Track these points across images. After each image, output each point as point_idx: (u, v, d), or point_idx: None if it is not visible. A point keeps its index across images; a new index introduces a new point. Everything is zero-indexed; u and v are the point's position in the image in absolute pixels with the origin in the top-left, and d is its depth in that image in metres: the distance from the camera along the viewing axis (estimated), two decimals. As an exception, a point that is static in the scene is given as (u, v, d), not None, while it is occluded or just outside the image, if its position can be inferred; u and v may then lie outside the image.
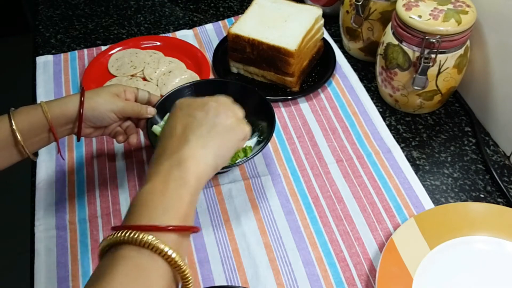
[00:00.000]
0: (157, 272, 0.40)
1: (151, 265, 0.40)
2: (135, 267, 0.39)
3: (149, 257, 0.40)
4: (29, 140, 0.60)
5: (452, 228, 0.65)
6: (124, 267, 0.39)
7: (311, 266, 0.64)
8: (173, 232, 0.41)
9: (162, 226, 0.41)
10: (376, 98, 0.87)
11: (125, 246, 0.40)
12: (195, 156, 0.47)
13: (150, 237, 0.39)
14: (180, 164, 0.46)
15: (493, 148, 0.79)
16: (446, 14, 0.72)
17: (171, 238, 0.41)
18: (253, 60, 0.86)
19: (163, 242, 0.40)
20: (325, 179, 0.74)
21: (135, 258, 0.39)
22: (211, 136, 0.50)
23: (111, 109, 0.63)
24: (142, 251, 0.39)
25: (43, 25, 1.05)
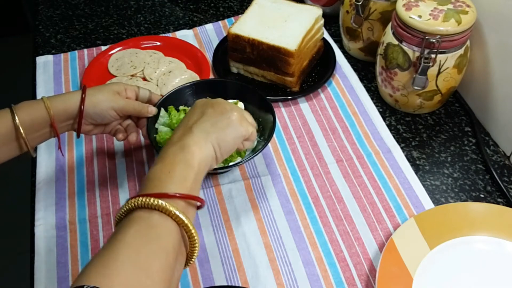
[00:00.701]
0: (167, 230, 0.44)
1: (162, 224, 0.44)
2: (147, 225, 0.43)
3: (160, 217, 0.44)
4: (30, 135, 0.61)
5: (452, 228, 0.65)
6: (136, 225, 0.43)
7: (311, 266, 0.64)
8: (180, 199, 0.46)
9: (171, 194, 0.46)
10: (376, 98, 0.87)
11: (138, 210, 0.44)
12: (196, 144, 0.52)
13: (161, 201, 0.44)
14: (184, 150, 0.51)
15: (493, 148, 0.79)
16: (446, 14, 0.72)
17: (179, 204, 0.46)
18: (253, 60, 0.86)
19: (173, 206, 0.44)
20: (325, 179, 0.74)
21: (147, 218, 0.44)
22: (213, 129, 0.55)
23: (111, 106, 0.64)
24: (153, 213, 0.44)
25: (43, 25, 1.05)
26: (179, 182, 0.48)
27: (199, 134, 0.53)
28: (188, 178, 0.49)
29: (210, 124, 0.55)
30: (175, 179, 0.48)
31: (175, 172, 0.48)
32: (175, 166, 0.49)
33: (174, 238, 0.44)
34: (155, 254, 0.42)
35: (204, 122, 0.55)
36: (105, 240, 0.67)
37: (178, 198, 0.46)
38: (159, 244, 0.43)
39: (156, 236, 0.43)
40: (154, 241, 0.43)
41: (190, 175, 0.49)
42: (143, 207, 0.44)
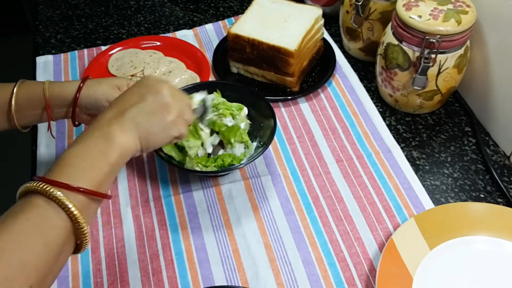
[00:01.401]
0: (57, 223, 0.43)
1: (54, 216, 0.43)
2: (39, 214, 0.43)
3: (54, 209, 0.43)
4: (24, 111, 0.63)
5: (452, 228, 0.65)
6: (29, 212, 0.43)
7: (311, 266, 0.64)
8: (82, 193, 0.45)
9: (73, 186, 0.44)
10: (376, 98, 0.87)
11: (37, 195, 0.44)
12: (122, 134, 0.50)
13: (59, 193, 0.43)
14: (107, 138, 0.49)
15: (493, 148, 0.79)
16: (446, 14, 0.72)
17: (79, 198, 0.45)
18: (253, 60, 0.86)
19: (69, 199, 0.43)
20: (325, 179, 0.74)
21: (41, 207, 0.43)
22: (145, 123, 0.53)
23: (106, 99, 0.64)
24: (49, 203, 0.43)
25: (43, 25, 1.05)
26: (89, 173, 0.46)
27: (129, 122, 0.51)
28: (101, 171, 0.47)
29: (144, 115, 0.53)
30: (86, 169, 0.46)
31: (89, 161, 0.47)
32: (92, 155, 0.48)
33: (62, 233, 0.44)
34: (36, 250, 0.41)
35: (139, 111, 0.52)
36: (105, 240, 0.67)
37: (81, 193, 0.45)
38: (44, 240, 0.42)
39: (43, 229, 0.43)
40: (39, 235, 0.42)
41: (104, 168, 0.48)
42: (43, 194, 0.43)
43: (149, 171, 0.75)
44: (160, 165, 0.76)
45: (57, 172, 0.45)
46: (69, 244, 0.45)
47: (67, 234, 0.44)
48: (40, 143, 0.80)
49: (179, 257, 0.66)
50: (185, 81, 0.88)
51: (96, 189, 0.46)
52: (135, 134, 0.51)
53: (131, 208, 0.71)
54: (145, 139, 0.53)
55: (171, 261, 0.65)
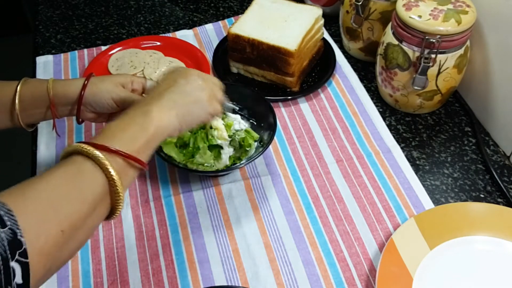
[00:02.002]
0: (93, 180, 0.45)
1: (91, 173, 0.45)
2: (76, 170, 0.45)
3: (92, 167, 0.45)
4: (28, 110, 0.63)
5: (452, 228, 0.65)
6: (67, 167, 0.45)
7: (311, 266, 0.64)
8: (120, 156, 0.47)
9: (112, 148, 0.46)
10: (376, 98, 0.87)
11: (78, 155, 0.46)
12: (160, 111, 0.53)
13: (98, 152, 0.45)
14: (145, 114, 0.52)
15: (493, 148, 0.79)
16: (446, 14, 0.72)
17: (118, 161, 0.47)
18: (253, 60, 0.86)
19: (108, 160, 0.45)
20: (325, 179, 0.74)
21: (80, 164, 0.45)
22: (181, 101, 0.56)
23: (111, 97, 0.64)
24: (88, 161, 0.45)
25: (43, 25, 1.05)
26: (128, 141, 0.48)
27: (166, 102, 0.54)
28: (138, 140, 0.49)
29: (179, 95, 0.56)
30: (125, 137, 0.49)
31: (127, 131, 0.49)
32: (130, 126, 0.50)
33: (98, 189, 0.45)
34: (71, 198, 0.43)
35: (174, 91, 0.56)
36: (105, 240, 0.67)
37: (118, 155, 0.47)
38: (79, 191, 0.44)
39: (79, 182, 0.44)
40: (75, 186, 0.44)
41: (141, 138, 0.50)
42: (82, 154, 0.45)
43: (149, 171, 0.75)
44: (160, 165, 0.76)
45: (99, 138, 0.48)
46: (103, 203, 0.46)
47: (102, 192, 0.45)
48: (40, 143, 0.80)
49: (179, 257, 0.66)
50: (185, 81, 0.88)
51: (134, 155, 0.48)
52: (173, 112, 0.54)
53: (131, 208, 0.71)
54: (183, 117, 0.55)
55: (171, 261, 0.65)
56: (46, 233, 0.40)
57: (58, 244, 0.41)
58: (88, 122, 0.81)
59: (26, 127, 0.65)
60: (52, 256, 0.41)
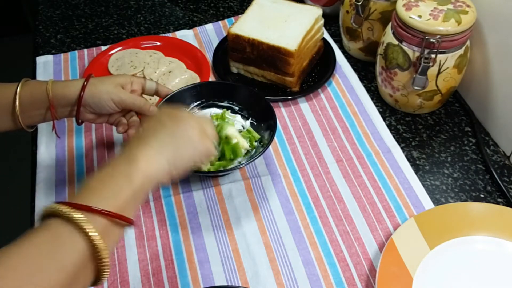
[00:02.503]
0: (74, 246, 0.41)
1: (70, 239, 0.41)
2: (55, 235, 0.41)
3: (71, 232, 0.41)
4: (28, 112, 0.63)
5: (452, 228, 0.65)
6: (43, 235, 0.41)
7: (311, 266, 0.64)
8: (103, 216, 0.43)
9: (93, 208, 0.42)
10: (376, 98, 0.87)
11: (55, 218, 0.42)
12: (148, 159, 0.48)
13: (78, 215, 0.41)
14: (131, 162, 0.47)
15: (493, 148, 0.79)
16: (446, 14, 0.72)
17: (101, 222, 0.43)
18: (253, 60, 0.87)
19: (89, 222, 0.41)
20: (325, 179, 0.74)
21: (58, 229, 0.41)
22: (170, 143, 0.51)
23: (111, 98, 0.64)
24: (67, 225, 0.41)
25: (43, 25, 1.05)
26: (111, 197, 0.44)
27: (154, 146, 0.50)
28: (122, 194, 0.45)
29: (167, 136, 0.52)
30: (107, 192, 0.44)
31: (110, 184, 0.45)
32: (114, 178, 0.46)
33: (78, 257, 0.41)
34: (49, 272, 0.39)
35: (161, 134, 0.52)
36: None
37: (101, 215, 0.42)
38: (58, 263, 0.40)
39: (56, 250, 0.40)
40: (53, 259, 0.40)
41: (126, 191, 0.45)
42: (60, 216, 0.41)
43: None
44: (160, 165, 0.76)
45: (79, 196, 0.44)
46: (86, 271, 0.42)
47: (83, 258, 0.41)
48: (40, 143, 0.80)
49: (179, 257, 0.66)
50: (185, 81, 0.88)
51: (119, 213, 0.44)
52: (161, 156, 0.50)
53: (131, 208, 0.71)
54: (174, 161, 0.51)
55: (171, 261, 0.65)
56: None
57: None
58: (88, 123, 0.81)
59: (26, 128, 0.65)
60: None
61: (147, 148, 0.49)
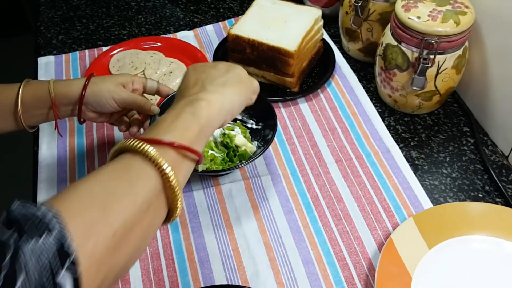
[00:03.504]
0: (144, 175, 0.41)
1: (141, 168, 0.41)
2: (125, 166, 0.41)
3: (142, 162, 0.41)
4: (30, 112, 0.63)
5: (451, 228, 0.66)
6: (115, 164, 0.41)
7: (311, 265, 0.65)
8: (173, 148, 0.43)
9: (164, 141, 0.43)
10: (375, 99, 0.88)
11: (126, 152, 0.42)
12: (209, 99, 0.49)
13: (149, 147, 0.41)
14: (193, 102, 0.48)
15: (491, 148, 0.79)
16: (444, 15, 0.73)
17: (171, 154, 0.43)
18: (253, 60, 0.87)
19: (160, 153, 0.41)
20: (325, 179, 0.75)
21: (128, 159, 0.42)
22: (226, 87, 0.52)
23: (112, 97, 0.64)
24: (137, 156, 0.41)
25: (45, 26, 1.05)
26: (180, 132, 0.45)
27: (214, 89, 0.51)
28: (191, 129, 0.46)
29: (222, 82, 0.53)
30: (176, 128, 0.45)
31: (178, 121, 0.46)
32: (180, 116, 0.46)
33: (150, 185, 0.41)
34: (120, 194, 0.39)
35: (214, 80, 0.52)
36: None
37: (170, 147, 0.43)
38: (129, 187, 0.40)
39: (128, 178, 0.41)
40: (124, 183, 0.40)
41: (194, 126, 0.46)
42: (131, 150, 0.42)
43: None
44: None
45: (148, 133, 0.45)
46: (158, 201, 0.42)
47: (155, 188, 0.41)
48: (41, 143, 0.80)
49: (180, 256, 0.66)
50: (185, 82, 0.88)
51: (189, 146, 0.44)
52: (222, 97, 0.51)
53: (132, 208, 0.71)
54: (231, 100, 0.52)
55: (172, 260, 0.66)
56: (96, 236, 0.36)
57: (110, 248, 0.37)
58: (89, 122, 0.82)
59: (28, 128, 0.65)
60: (104, 263, 0.36)
61: (207, 93, 0.50)
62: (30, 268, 0.31)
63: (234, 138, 0.72)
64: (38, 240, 0.32)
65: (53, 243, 0.33)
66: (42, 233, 0.33)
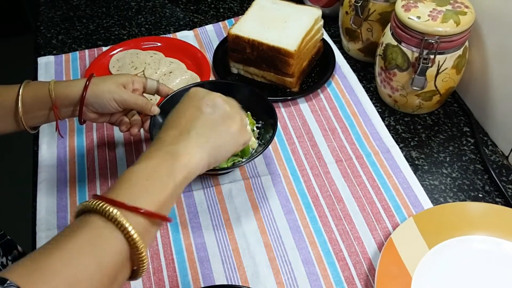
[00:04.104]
0: (114, 246, 0.40)
1: (110, 237, 0.40)
2: (94, 234, 0.40)
3: (111, 230, 0.40)
4: (31, 113, 0.63)
5: (451, 228, 0.65)
6: (83, 231, 0.40)
7: (311, 265, 0.65)
8: (142, 215, 0.42)
9: (133, 206, 0.41)
10: (375, 99, 0.88)
11: (95, 215, 0.41)
12: (190, 153, 0.48)
13: (118, 213, 0.40)
14: (173, 157, 0.47)
15: (491, 148, 0.79)
16: (445, 15, 0.73)
17: (139, 220, 0.42)
18: (253, 60, 0.87)
19: (129, 221, 0.41)
20: (325, 179, 0.75)
21: (97, 227, 0.40)
22: (212, 137, 0.51)
23: (113, 98, 0.64)
24: (106, 223, 0.40)
25: (45, 26, 1.05)
26: (153, 195, 0.44)
27: (196, 139, 0.49)
28: (165, 191, 0.44)
29: (209, 129, 0.51)
30: (149, 189, 0.44)
31: (154, 181, 0.44)
32: (157, 174, 0.45)
33: (119, 257, 0.40)
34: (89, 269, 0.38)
35: (202, 125, 0.51)
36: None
37: (142, 215, 0.42)
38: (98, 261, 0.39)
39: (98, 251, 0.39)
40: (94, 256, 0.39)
41: (168, 188, 0.45)
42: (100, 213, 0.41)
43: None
44: (161, 165, 0.77)
45: (118, 191, 0.43)
46: (124, 269, 0.41)
47: (123, 258, 0.41)
48: (41, 143, 0.80)
49: (180, 256, 0.66)
50: (185, 82, 0.88)
51: (158, 211, 0.43)
52: (203, 150, 0.49)
53: (132, 208, 0.71)
54: (214, 153, 0.50)
55: (172, 260, 0.66)
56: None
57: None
58: (89, 122, 0.82)
59: (29, 129, 0.65)
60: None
61: (190, 141, 0.49)
62: None
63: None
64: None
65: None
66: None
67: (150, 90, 0.70)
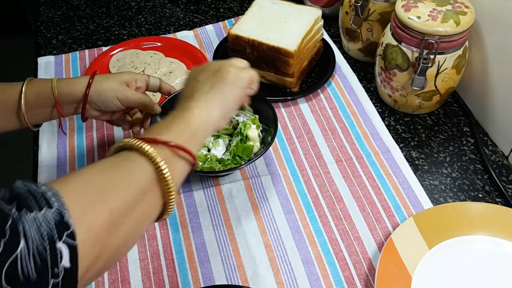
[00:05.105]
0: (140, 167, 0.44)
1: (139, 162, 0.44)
2: (122, 158, 0.44)
3: (138, 156, 0.44)
4: (34, 110, 0.63)
5: (451, 228, 0.66)
6: (113, 158, 0.45)
7: (311, 265, 0.65)
8: (167, 147, 0.46)
9: (159, 140, 0.46)
10: (375, 99, 0.88)
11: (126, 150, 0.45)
12: (199, 106, 0.52)
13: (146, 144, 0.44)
14: (184, 110, 0.51)
15: (491, 148, 0.79)
16: (445, 15, 0.73)
17: (165, 152, 0.46)
18: (253, 60, 0.87)
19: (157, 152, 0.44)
20: (325, 179, 0.75)
21: (128, 155, 0.45)
22: (213, 92, 0.55)
23: (116, 96, 0.64)
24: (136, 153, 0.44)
25: (45, 26, 1.05)
26: (173, 134, 0.48)
27: (201, 98, 0.54)
28: (184, 132, 0.49)
29: (209, 88, 0.55)
30: (170, 131, 0.48)
31: (172, 125, 0.49)
32: (173, 122, 0.50)
33: (145, 176, 0.44)
34: (117, 180, 0.42)
35: (202, 87, 0.55)
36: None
37: (165, 146, 0.46)
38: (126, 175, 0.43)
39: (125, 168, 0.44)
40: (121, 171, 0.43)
41: (186, 130, 0.49)
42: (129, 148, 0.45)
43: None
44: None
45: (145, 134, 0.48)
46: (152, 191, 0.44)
47: (149, 179, 0.44)
48: (42, 142, 0.80)
49: (180, 256, 0.66)
50: (185, 82, 0.88)
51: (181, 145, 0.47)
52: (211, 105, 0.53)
53: (132, 208, 0.71)
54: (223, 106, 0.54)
55: (172, 260, 0.66)
56: (93, 213, 0.38)
57: (106, 226, 0.39)
58: (89, 122, 0.82)
59: (32, 127, 0.65)
60: (100, 239, 0.38)
61: (196, 101, 0.53)
62: (30, 235, 0.34)
63: (250, 127, 0.72)
64: (38, 213, 0.35)
65: (52, 216, 0.35)
66: (41, 207, 0.35)
67: (152, 88, 0.70)
